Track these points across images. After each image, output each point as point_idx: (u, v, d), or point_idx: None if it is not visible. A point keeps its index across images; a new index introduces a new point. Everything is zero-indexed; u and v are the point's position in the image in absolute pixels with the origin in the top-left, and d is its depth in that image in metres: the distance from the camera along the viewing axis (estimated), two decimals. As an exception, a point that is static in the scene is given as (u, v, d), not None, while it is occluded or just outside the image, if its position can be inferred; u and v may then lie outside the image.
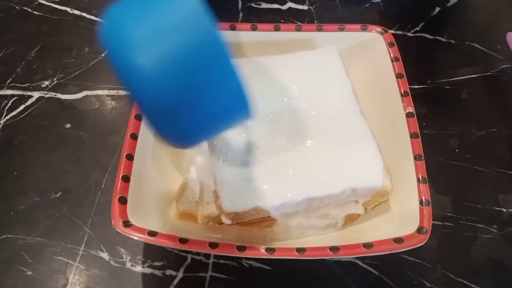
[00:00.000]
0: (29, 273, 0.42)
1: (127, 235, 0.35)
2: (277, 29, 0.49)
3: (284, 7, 0.62)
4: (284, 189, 0.38)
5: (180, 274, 0.41)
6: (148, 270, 0.42)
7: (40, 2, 0.63)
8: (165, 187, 0.43)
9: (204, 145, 0.42)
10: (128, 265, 0.42)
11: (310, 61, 0.46)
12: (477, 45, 0.57)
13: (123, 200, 0.37)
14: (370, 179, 0.39)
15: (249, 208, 0.37)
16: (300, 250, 0.34)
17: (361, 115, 0.43)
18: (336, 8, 0.62)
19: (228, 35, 0.49)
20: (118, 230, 0.35)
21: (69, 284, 0.41)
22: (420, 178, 0.38)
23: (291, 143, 0.40)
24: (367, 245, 0.34)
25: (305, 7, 0.61)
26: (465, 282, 0.41)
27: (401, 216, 0.39)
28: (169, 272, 0.41)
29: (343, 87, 0.44)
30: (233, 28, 0.49)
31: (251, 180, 0.38)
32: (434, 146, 0.48)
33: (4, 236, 0.44)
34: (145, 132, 0.41)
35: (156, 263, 0.42)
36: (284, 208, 0.38)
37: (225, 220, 0.37)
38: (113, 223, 0.35)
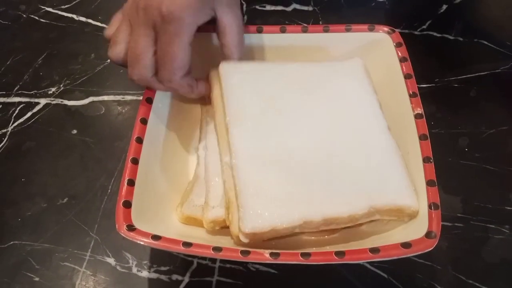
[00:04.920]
0: (37, 279, 0.42)
1: (130, 239, 0.34)
2: (283, 31, 0.48)
3: (289, 9, 0.61)
4: (306, 208, 0.36)
5: (186, 279, 0.41)
6: (154, 275, 0.41)
7: (47, 10, 0.64)
8: (170, 191, 0.42)
9: (213, 149, 0.42)
10: (134, 270, 0.42)
11: (338, 73, 0.45)
12: (485, 42, 0.56)
13: (127, 204, 0.37)
14: (399, 199, 0.37)
15: (269, 229, 0.35)
16: (305, 255, 0.33)
17: (388, 131, 0.41)
18: (341, 8, 0.61)
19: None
20: (122, 234, 0.35)
21: (75, 290, 0.41)
22: (429, 181, 0.37)
23: (314, 159, 0.39)
24: (374, 250, 0.33)
25: (310, 8, 0.61)
26: (477, 284, 0.40)
27: (409, 220, 0.38)
28: (175, 277, 0.41)
29: (369, 102, 0.43)
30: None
31: (272, 198, 0.36)
32: (443, 146, 0.47)
33: (11, 243, 0.44)
34: (151, 136, 0.41)
35: (162, 268, 0.42)
36: (304, 227, 0.36)
37: (243, 239, 0.36)
38: (117, 227, 0.35)
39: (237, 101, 0.42)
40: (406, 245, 0.34)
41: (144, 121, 0.41)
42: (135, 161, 0.39)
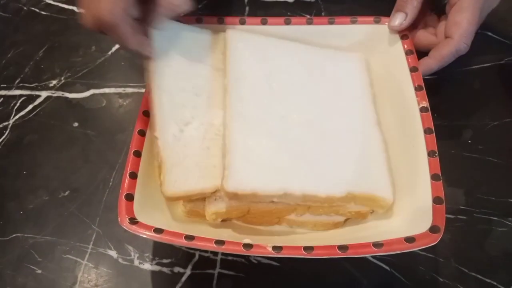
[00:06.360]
0: (39, 271, 0.42)
1: (133, 232, 0.34)
2: (287, 23, 0.48)
3: (291, 0, 0.61)
4: (288, 181, 0.37)
5: (188, 271, 0.41)
6: (156, 268, 0.41)
7: (47, 2, 0.63)
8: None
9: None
10: (136, 262, 0.42)
11: (339, 63, 0.46)
12: (490, 33, 0.55)
13: (130, 197, 0.36)
14: (375, 190, 0.38)
15: (250, 192, 0.36)
16: (308, 248, 0.33)
17: (376, 125, 0.42)
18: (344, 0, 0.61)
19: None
20: (124, 227, 0.35)
21: (78, 282, 0.41)
22: (434, 175, 0.37)
23: (304, 136, 0.40)
24: (377, 244, 0.34)
25: (312, -1, 0.61)
26: (479, 277, 0.40)
27: (413, 214, 0.38)
28: (177, 269, 0.41)
29: (364, 96, 0.44)
30: (242, 23, 0.48)
31: (259, 164, 0.37)
32: (446, 138, 0.47)
33: (14, 235, 0.44)
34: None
35: (164, 261, 0.42)
36: (283, 198, 0.37)
37: (225, 197, 0.37)
38: (119, 220, 0.35)
39: (239, 65, 0.42)
40: (410, 239, 0.34)
41: (146, 114, 0.41)
42: (138, 154, 0.39)
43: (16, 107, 0.53)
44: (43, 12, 0.62)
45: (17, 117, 0.52)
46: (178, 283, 0.41)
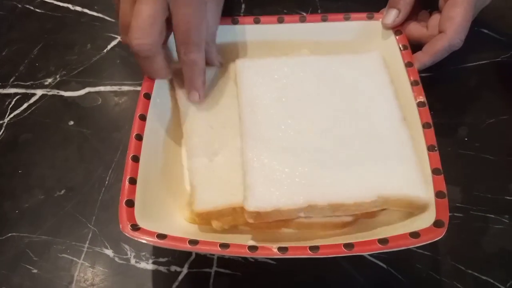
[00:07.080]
0: (35, 271, 0.42)
1: (136, 239, 0.34)
2: (280, 21, 0.48)
3: (287, -3, 0.61)
4: (311, 192, 0.36)
5: (185, 270, 0.41)
6: (152, 267, 0.41)
7: (42, 0, 0.63)
8: (173, 188, 0.42)
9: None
10: (133, 261, 0.42)
11: (355, 66, 0.45)
12: (486, 31, 0.55)
13: (130, 203, 0.36)
14: (408, 190, 0.37)
15: (272, 209, 0.36)
16: (314, 248, 0.33)
17: (402, 122, 0.41)
18: (340, -3, 0.61)
19: (231, 29, 0.48)
20: (127, 234, 0.34)
21: (74, 282, 0.41)
22: (435, 169, 0.37)
23: (325, 145, 0.39)
24: (383, 241, 0.33)
25: (309, -4, 0.60)
26: (476, 274, 0.40)
27: (419, 212, 0.37)
28: (173, 268, 0.41)
29: (385, 94, 0.43)
30: (235, 22, 0.48)
31: (278, 180, 0.37)
32: (442, 135, 0.46)
33: (9, 235, 0.44)
34: (150, 133, 0.41)
35: (161, 259, 0.42)
36: (309, 211, 0.37)
37: (249, 219, 0.36)
38: (121, 227, 0.35)
39: (251, 91, 0.43)
40: (414, 234, 0.33)
41: (143, 117, 0.41)
42: (136, 159, 0.38)
43: (11, 106, 0.52)
44: (38, 10, 0.62)
45: (12, 115, 0.52)
46: (175, 282, 0.41)
